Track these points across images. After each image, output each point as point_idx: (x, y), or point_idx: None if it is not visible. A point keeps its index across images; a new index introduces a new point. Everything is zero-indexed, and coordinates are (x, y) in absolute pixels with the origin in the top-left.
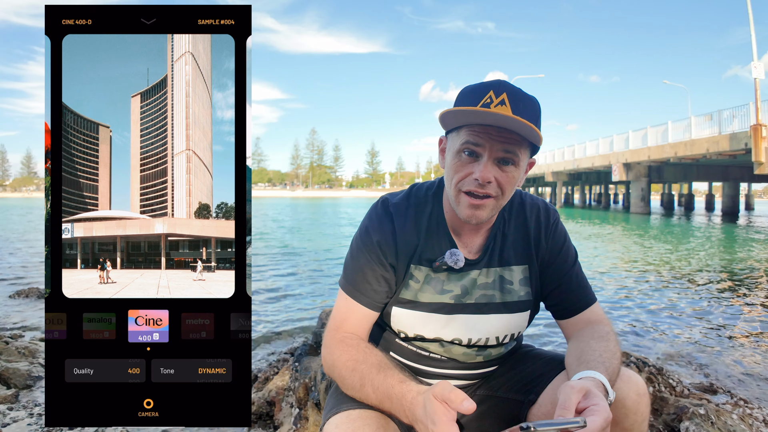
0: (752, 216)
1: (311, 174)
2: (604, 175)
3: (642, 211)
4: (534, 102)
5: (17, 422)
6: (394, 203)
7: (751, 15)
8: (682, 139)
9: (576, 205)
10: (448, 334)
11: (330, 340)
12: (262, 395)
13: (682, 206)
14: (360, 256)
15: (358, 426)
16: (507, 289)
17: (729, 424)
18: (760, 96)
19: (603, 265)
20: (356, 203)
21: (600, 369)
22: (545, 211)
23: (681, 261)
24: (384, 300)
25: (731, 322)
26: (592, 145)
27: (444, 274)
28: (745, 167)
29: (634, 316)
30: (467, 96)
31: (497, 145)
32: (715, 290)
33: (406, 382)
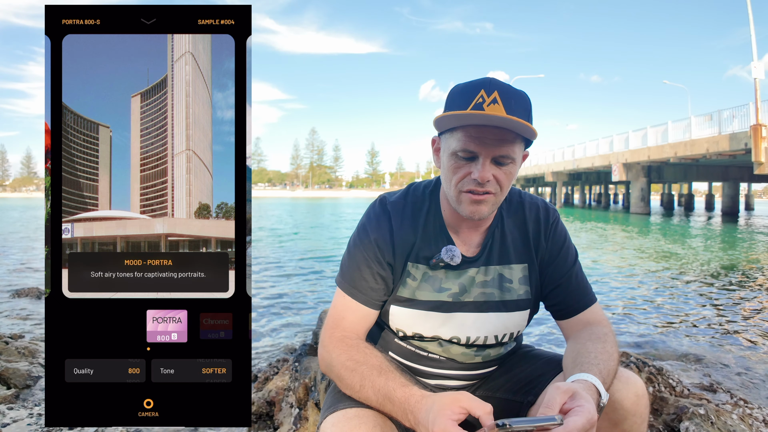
0: (752, 216)
1: (311, 174)
2: (604, 175)
3: (642, 211)
4: (525, 97)
5: (17, 422)
6: (392, 202)
7: (751, 15)
8: (682, 139)
9: (576, 205)
10: (447, 333)
11: (327, 339)
12: (262, 395)
13: (682, 206)
14: (357, 254)
15: (355, 425)
16: (506, 287)
17: (729, 424)
18: (760, 96)
19: (603, 265)
20: (356, 203)
21: (594, 371)
22: (545, 211)
23: (681, 261)
24: (381, 298)
25: (731, 321)
26: (592, 145)
27: (442, 271)
28: (745, 167)
29: (633, 316)
30: (458, 96)
31: (493, 146)
32: (716, 290)
33: (408, 386)
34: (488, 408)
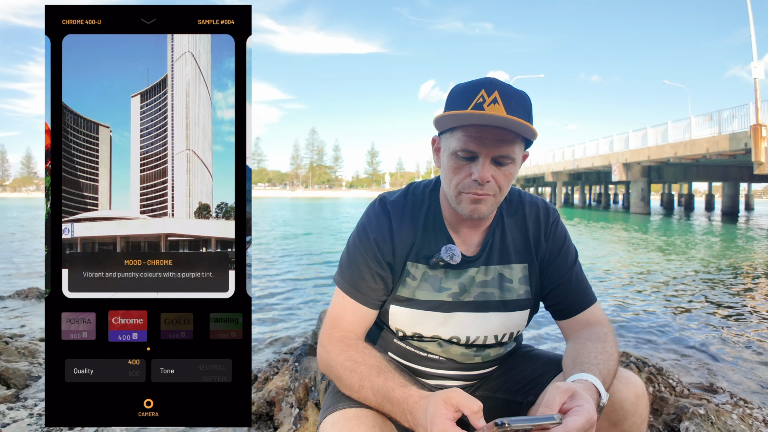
0: (752, 216)
1: (311, 174)
2: (604, 175)
3: (642, 211)
4: (525, 98)
5: (17, 422)
6: (392, 201)
7: (751, 15)
8: (682, 139)
9: (576, 205)
10: (446, 333)
11: (326, 339)
12: (262, 395)
13: (682, 206)
14: (357, 254)
15: (354, 425)
16: (506, 287)
17: (729, 424)
18: (759, 96)
19: (603, 265)
20: (356, 203)
21: (594, 371)
22: (545, 210)
23: (681, 261)
24: (380, 298)
25: (732, 321)
26: (592, 145)
27: (442, 271)
28: (745, 167)
29: (633, 316)
30: (458, 96)
31: (493, 146)
32: (716, 290)
33: (407, 386)
34: (476, 407)
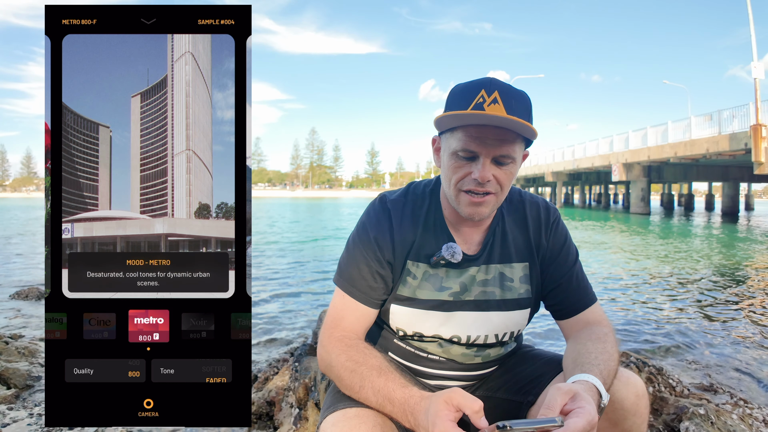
0: (752, 216)
1: (311, 174)
2: (604, 175)
3: (642, 211)
4: (525, 97)
5: (17, 422)
6: (392, 200)
7: (751, 15)
8: (682, 139)
9: (576, 205)
10: (447, 332)
11: (327, 339)
12: (262, 395)
13: (682, 206)
14: (356, 253)
15: (355, 424)
16: (507, 286)
17: (729, 424)
18: (759, 96)
19: (603, 264)
20: (356, 203)
21: (594, 372)
22: (545, 210)
23: (681, 261)
24: (380, 297)
25: (732, 322)
26: (592, 145)
27: (442, 270)
28: (745, 167)
29: (633, 316)
30: (459, 96)
31: (494, 145)
32: (716, 290)
33: (408, 387)
34: (477, 406)
